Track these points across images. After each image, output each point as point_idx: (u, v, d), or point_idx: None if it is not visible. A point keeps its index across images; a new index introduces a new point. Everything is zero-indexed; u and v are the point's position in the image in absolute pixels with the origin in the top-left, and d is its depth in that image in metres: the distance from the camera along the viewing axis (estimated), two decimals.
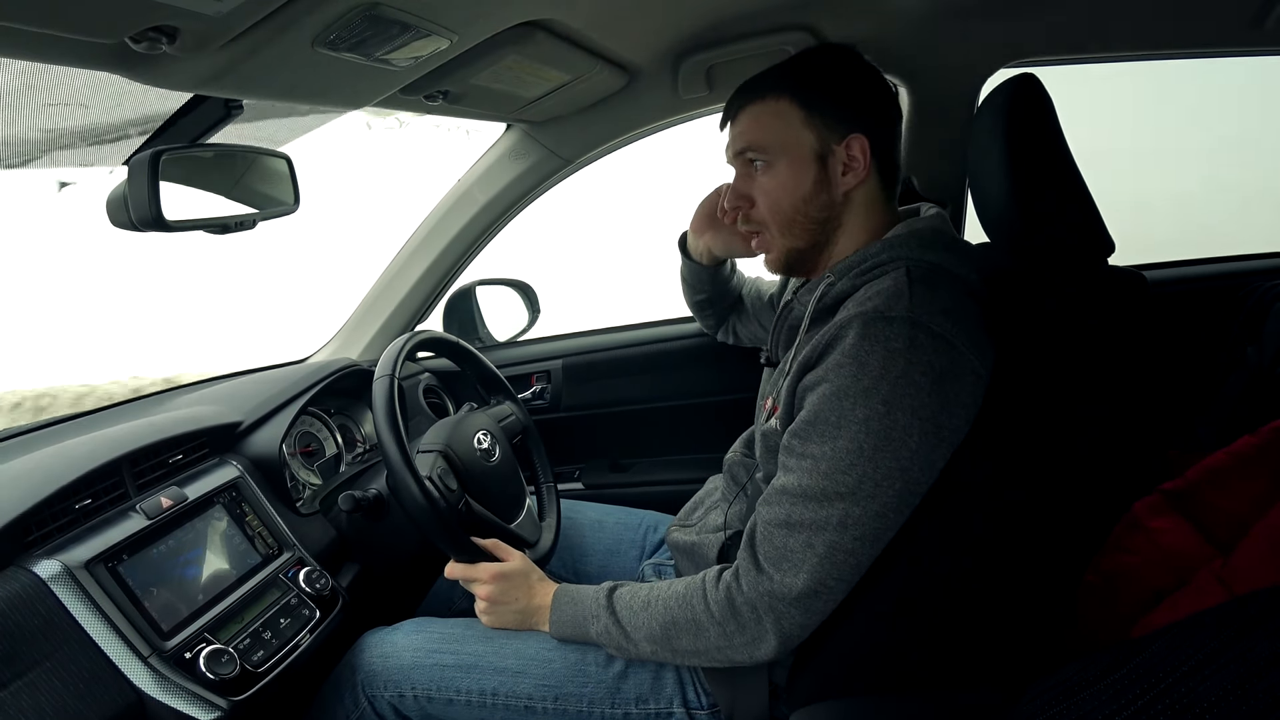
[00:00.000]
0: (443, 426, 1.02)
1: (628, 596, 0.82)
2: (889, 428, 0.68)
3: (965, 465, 0.71)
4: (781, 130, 0.79)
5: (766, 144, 0.80)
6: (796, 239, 0.81)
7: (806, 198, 0.79)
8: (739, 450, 0.99)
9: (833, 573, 0.71)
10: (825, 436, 0.70)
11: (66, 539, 0.75)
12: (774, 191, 0.80)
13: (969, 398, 0.70)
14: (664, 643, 0.78)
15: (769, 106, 0.79)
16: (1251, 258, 1.44)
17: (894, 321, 0.69)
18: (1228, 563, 0.83)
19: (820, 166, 0.79)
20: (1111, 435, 0.78)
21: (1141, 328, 0.75)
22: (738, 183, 0.84)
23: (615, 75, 1.12)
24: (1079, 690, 0.55)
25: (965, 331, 0.70)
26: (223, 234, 0.89)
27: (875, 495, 0.69)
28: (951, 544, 0.73)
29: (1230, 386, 1.15)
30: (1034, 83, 0.80)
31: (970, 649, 0.75)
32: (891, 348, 0.68)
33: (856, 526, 0.69)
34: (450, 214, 1.32)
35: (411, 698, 0.87)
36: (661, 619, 0.78)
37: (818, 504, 0.70)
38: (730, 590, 0.74)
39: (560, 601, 0.86)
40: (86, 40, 0.56)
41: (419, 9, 0.68)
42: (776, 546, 0.72)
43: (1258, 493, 0.88)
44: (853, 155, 0.78)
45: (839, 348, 0.70)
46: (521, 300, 1.52)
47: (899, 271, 0.73)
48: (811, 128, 0.78)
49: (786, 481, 0.73)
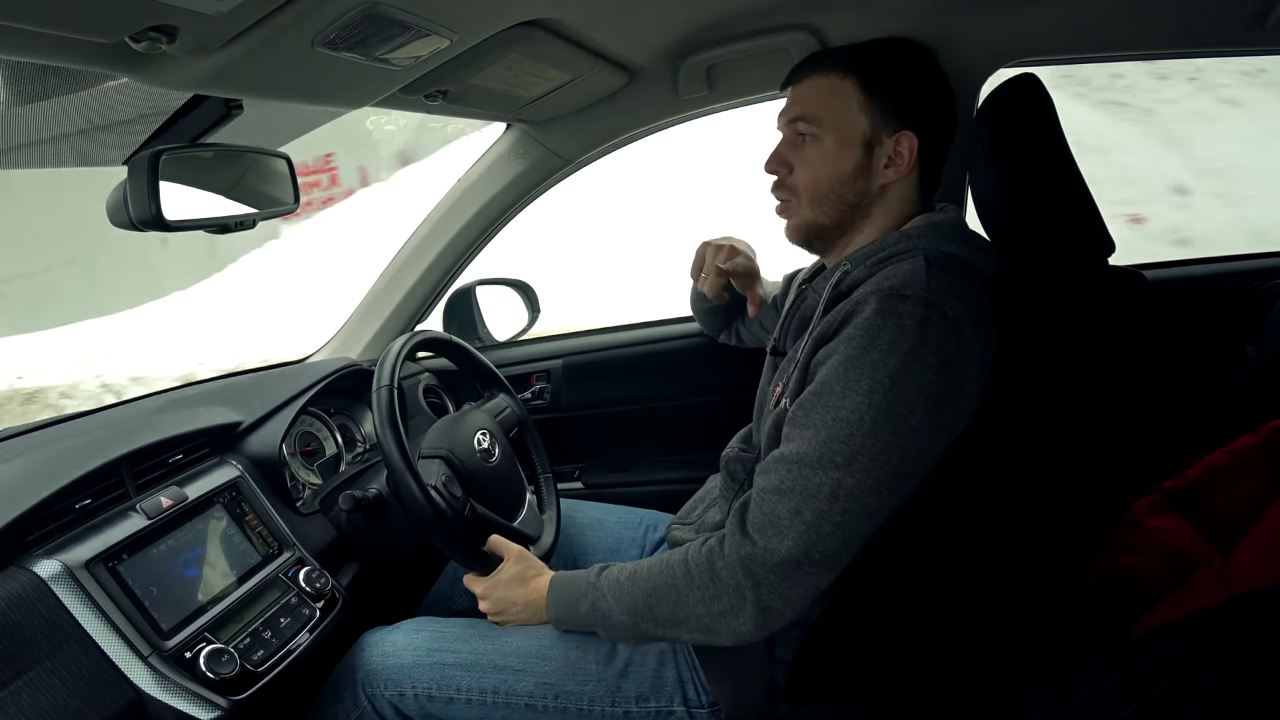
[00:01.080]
0: (443, 427, 1.02)
1: (615, 570, 0.82)
2: (892, 401, 0.68)
3: (964, 462, 0.71)
4: (838, 107, 0.79)
5: (820, 116, 0.80)
6: (823, 215, 0.82)
7: (845, 179, 0.80)
8: (736, 446, 0.99)
9: (818, 544, 0.70)
10: (828, 406, 0.70)
11: (66, 539, 0.75)
12: (815, 164, 0.81)
13: (973, 386, 0.71)
14: (645, 612, 0.78)
15: (831, 81, 0.80)
16: (1251, 258, 1.44)
17: (909, 300, 0.70)
18: (1228, 563, 0.83)
19: (865, 153, 0.79)
20: (1111, 435, 0.78)
21: (1141, 328, 0.75)
22: (782, 147, 0.84)
23: (615, 75, 1.12)
24: (1079, 690, 0.55)
25: (976, 319, 0.71)
26: (223, 234, 0.89)
27: (870, 469, 0.69)
28: (951, 544, 0.73)
29: (1230, 386, 1.15)
30: (1034, 83, 0.80)
31: (970, 649, 0.75)
32: (904, 324, 0.69)
33: (848, 499, 0.69)
34: (450, 214, 1.32)
35: (412, 696, 0.87)
36: (644, 587, 0.78)
37: (812, 470, 0.70)
38: (712, 554, 0.74)
39: (556, 586, 0.86)
40: (87, 40, 0.56)
41: (419, 9, 0.68)
42: (765, 513, 0.72)
43: (1258, 492, 0.88)
44: (899, 150, 0.79)
45: (854, 321, 0.72)
46: (521, 300, 1.52)
47: (917, 259, 0.74)
48: (867, 113, 0.78)
49: (785, 450, 0.73)
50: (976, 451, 0.71)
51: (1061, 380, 0.74)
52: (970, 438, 0.71)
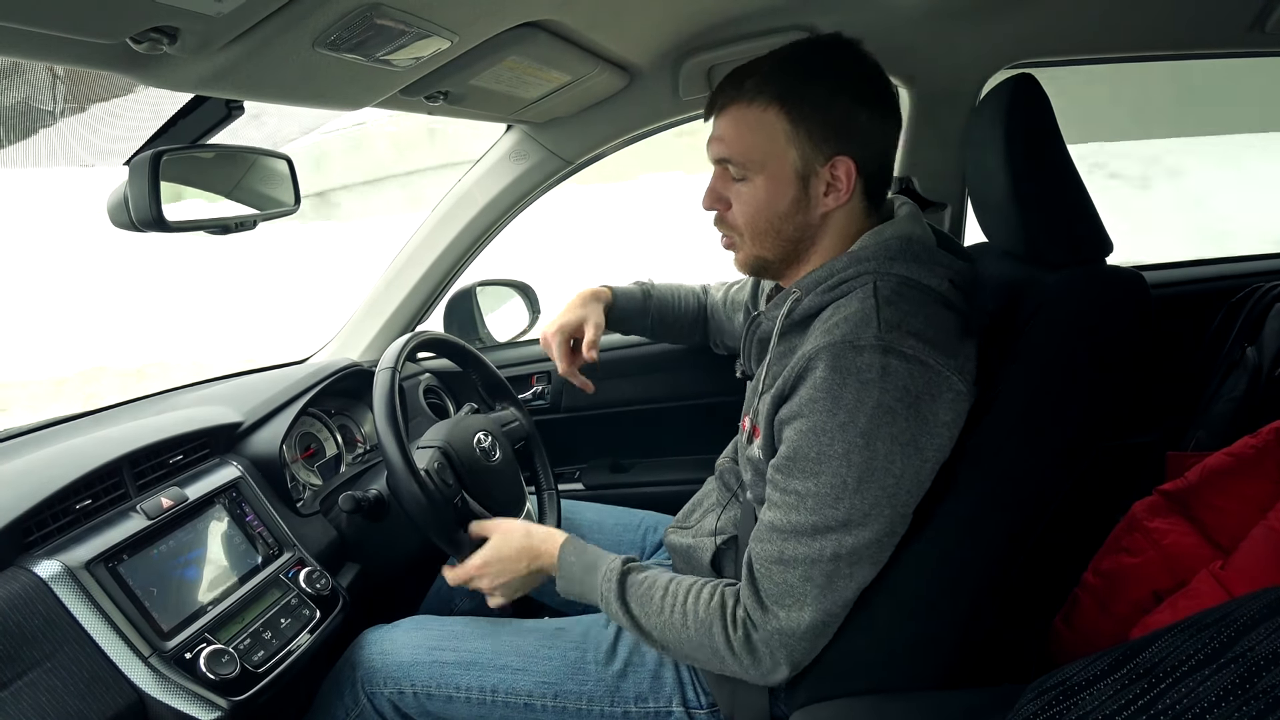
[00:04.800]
0: (443, 426, 1.02)
1: (641, 591, 0.79)
2: (870, 459, 0.66)
3: (959, 469, 0.71)
4: (763, 144, 0.73)
5: (746, 158, 0.74)
6: (766, 250, 0.78)
7: (783, 215, 0.75)
8: (729, 456, 0.99)
9: (836, 600, 0.70)
10: (807, 474, 0.69)
11: (67, 539, 0.75)
12: (749, 203, 0.76)
13: (948, 415, 0.69)
14: (678, 654, 0.78)
15: (753, 114, 0.73)
16: (1251, 258, 1.44)
17: (863, 350, 0.66)
18: (1227, 563, 0.84)
19: (801, 186, 0.74)
20: (1111, 436, 0.78)
21: (1141, 328, 0.74)
22: (715, 183, 0.79)
23: (616, 76, 1.12)
24: (1079, 690, 0.55)
25: (938, 349, 0.68)
26: (223, 235, 0.89)
27: (865, 524, 0.68)
28: (950, 546, 0.73)
29: (1230, 387, 1.15)
30: (1032, 83, 0.80)
31: (969, 649, 0.75)
32: (864, 379, 0.66)
33: (851, 554, 0.69)
34: (450, 215, 1.32)
35: (411, 695, 0.87)
36: (677, 639, 0.76)
37: (809, 539, 0.69)
38: (747, 629, 0.73)
39: (566, 563, 0.84)
40: (87, 40, 0.56)
41: (419, 9, 0.68)
42: (776, 583, 0.71)
43: (1257, 493, 0.89)
44: (836, 176, 0.73)
45: (809, 380, 0.69)
46: (521, 300, 1.52)
47: (866, 289, 0.71)
48: (796, 145, 0.73)
49: (774, 518, 0.71)
50: (970, 458, 0.71)
51: (1062, 380, 0.74)
52: (963, 445, 0.71)
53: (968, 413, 0.71)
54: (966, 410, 0.70)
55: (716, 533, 0.90)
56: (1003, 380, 0.73)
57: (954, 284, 0.74)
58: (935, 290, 0.72)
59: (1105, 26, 1.11)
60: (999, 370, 0.74)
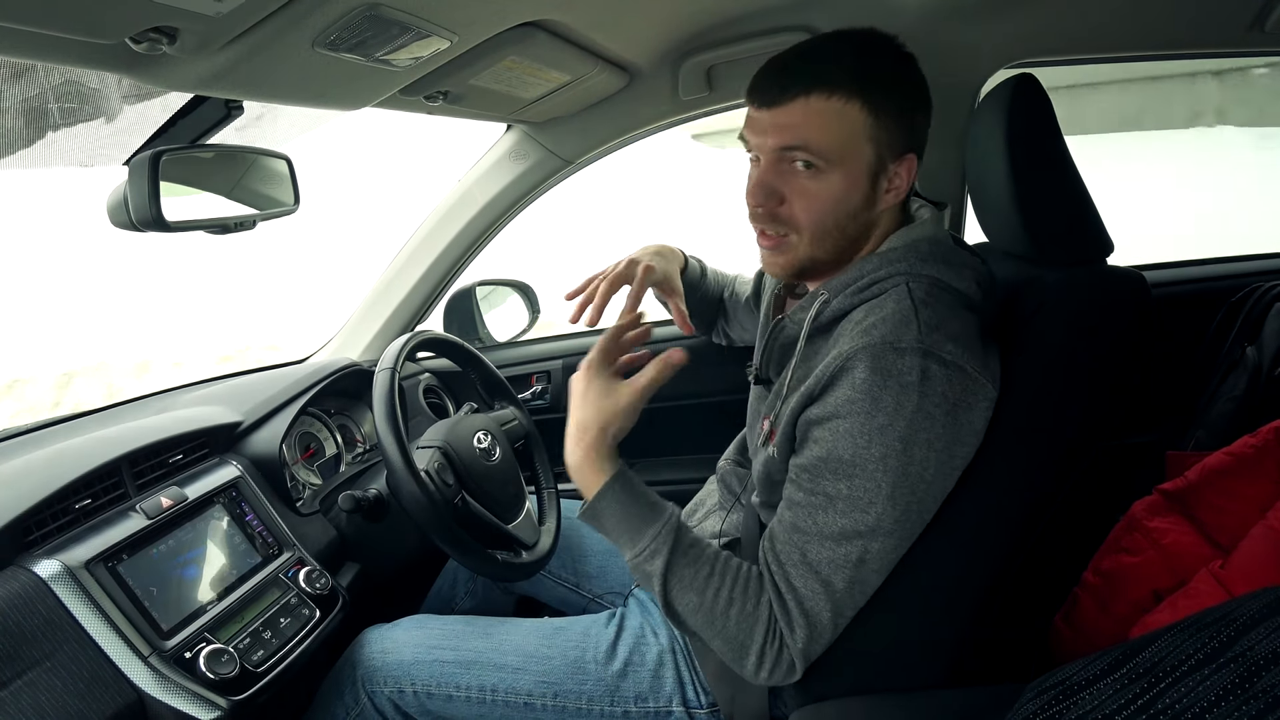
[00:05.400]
0: (443, 425, 1.02)
1: (687, 571, 0.73)
2: (906, 464, 0.65)
3: (968, 473, 0.71)
4: (846, 138, 0.69)
5: (826, 149, 0.69)
6: (824, 251, 0.74)
7: (852, 213, 0.72)
8: (731, 458, 0.98)
9: (850, 604, 0.70)
10: (840, 475, 0.67)
11: (66, 539, 0.75)
12: (819, 199, 0.71)
13: (980, 423, 0.69)
14: (700, 631, 0.73)
15: (836, 105, 0.68)
16: (1251, 258, 1.44)
17: (905, 352, 0.65)
18: (1227, 562, 0.84)
19: (871, 184, 0.71)
20: (1111, 435, 0.78)
21: (1142, 327, 0.74)
22: (768, 174, 0.72)
23: (615, 76, 1.12)
24: (1079, 689, 0.55)
25: (974, 355, 0.68)
26: (223, 234, 0.89)
27: (893, 531, 0.67)
28: (951, 546, 0.73)
29: (1229, 387, 1.15)
30: (1033, 83, 0.80)
31: (970, 648, 0.75)
32: (905, 381, 0.65)
33: (875, 560, 0.68)
34: (450, 214, 1.32)
35: (411, 694, 0.87)
36: (708, 622, 0.72)
37: (835, 543, 0.68)
38: (784, 641, 0.70)
39: (607, 504, 0.78)
40: (87, 40, 0.56)
41: (419, 9, 0.68)
42: (796, 587, 0.70)
43: (1257, 493, 0.89)
44: (899, 174, 0.72)
45: (846, 380, 0.66)
46: (521, 300, 1.52)
47: (899, 290, 0.69)
48: (874, 141, 0.70)
49: (798, 518, 0.69)
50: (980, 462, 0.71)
51: (1062, 380, 0.74)
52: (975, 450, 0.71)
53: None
54: (990, 417, 0.70)
55: (721, 535, 0.90)
56: (1003, 380, 0.74)
57: (979, 285, 0.74)
58: (963, 292, 0.72)
59: (1105, 26, 1.11)
60: (1000, 370, 0.74)
